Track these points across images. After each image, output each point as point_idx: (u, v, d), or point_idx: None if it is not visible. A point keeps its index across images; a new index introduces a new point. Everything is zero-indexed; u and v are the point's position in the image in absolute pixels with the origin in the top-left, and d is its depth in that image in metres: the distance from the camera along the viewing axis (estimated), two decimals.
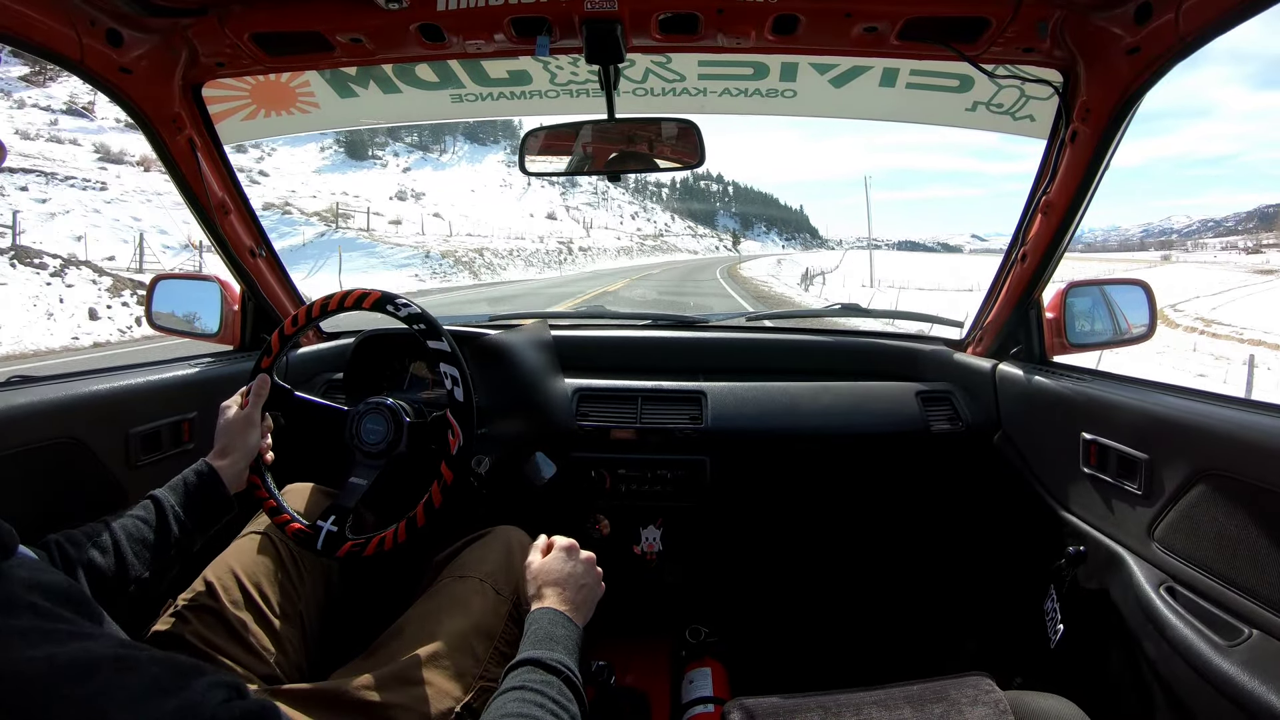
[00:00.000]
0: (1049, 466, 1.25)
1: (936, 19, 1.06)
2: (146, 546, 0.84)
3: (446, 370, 1.00)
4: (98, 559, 0.79)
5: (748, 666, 1.47)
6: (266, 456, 1.04)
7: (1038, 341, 1.36)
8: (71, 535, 0.80)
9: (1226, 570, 0.86)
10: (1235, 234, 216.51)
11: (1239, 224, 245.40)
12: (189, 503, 0.90)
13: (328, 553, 0.97)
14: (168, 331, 1.56)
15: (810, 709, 0.86)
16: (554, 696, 0.72)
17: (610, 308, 4.35)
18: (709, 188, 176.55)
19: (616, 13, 1.05)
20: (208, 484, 0.93)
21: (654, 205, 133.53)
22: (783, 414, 1.47)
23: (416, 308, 1.04)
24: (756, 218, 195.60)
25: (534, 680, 0.74)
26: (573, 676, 0.76)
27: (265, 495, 1.01)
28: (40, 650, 0.42)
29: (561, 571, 0.92)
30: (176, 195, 1.36)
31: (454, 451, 0.99)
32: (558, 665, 0.76)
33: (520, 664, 0.77)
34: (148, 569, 0.83)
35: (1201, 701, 0.82)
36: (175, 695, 0.44)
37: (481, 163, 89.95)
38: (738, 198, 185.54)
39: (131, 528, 0.84)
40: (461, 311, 5.92)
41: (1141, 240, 66.57)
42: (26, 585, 0.47)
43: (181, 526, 0.88)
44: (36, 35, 0.96)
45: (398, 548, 0.97)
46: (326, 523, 0.97)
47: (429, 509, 0.98)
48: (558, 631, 0.82)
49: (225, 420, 0.99)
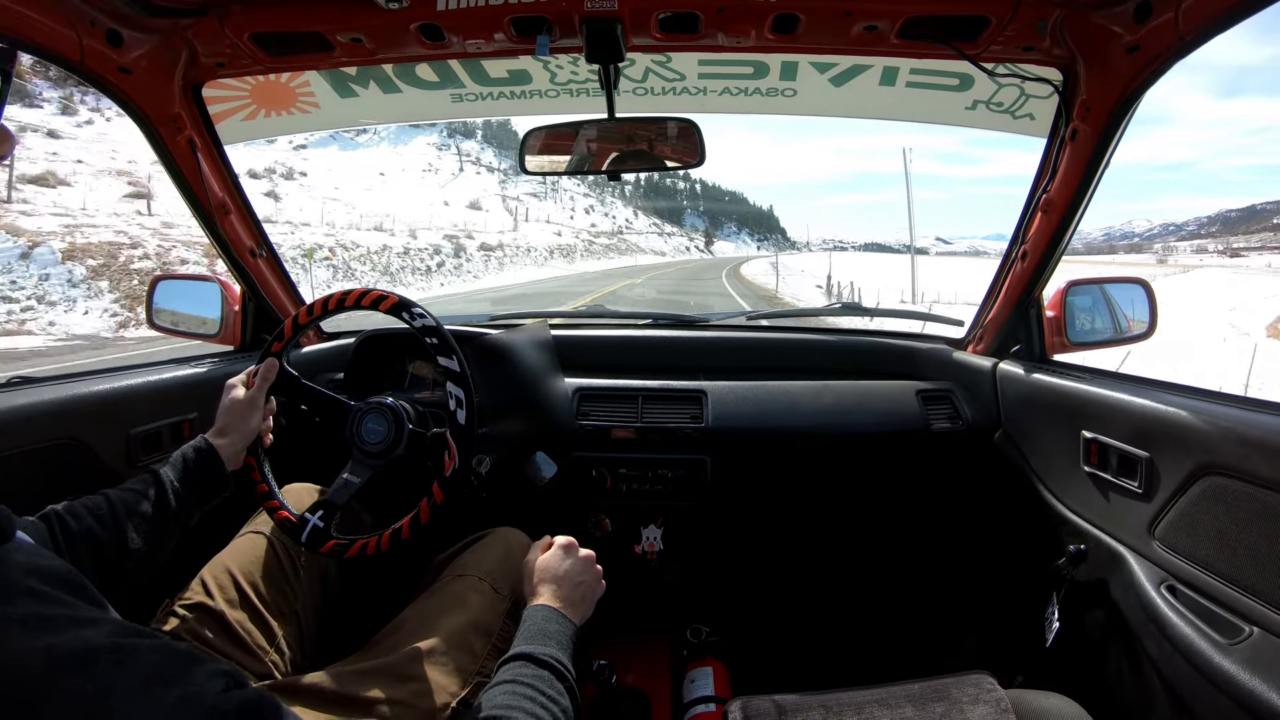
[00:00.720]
0: (1049, 465, 1.26)
1: (936, 18, 1.06)
2: (145, 520, 0.85)
3: (452, 390, 1.00)
4: (97, 531, 0.80)
5: (749, 666, 1.47)
6: (265, 439, 1.03)
7: (1038, 340, 1.36)
8: (72, 508, 0.81)
9: (1227, 568, 0.86)
10: (1198, 237, 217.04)
11: (1201, 228, 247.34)
12: (187, 478, 0.91)
13: (311, 547, 0.96)
14: (168, 332, 1.56)
15: (812, 708, 0.86)
16: (545, 690, 0.72)
17: (611, 307, 4.35)
18: (675, 184, 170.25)
19: (616, 12, 1.05)
20: (206, 460, 0.94)
21: (614, 200, 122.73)
22: (783, 413, 1.47)
23: (432, 320, 1.03)
24: (726, 216, 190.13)
25: (525, 674, 0.74)
26: (564, 671, 0.76)
27: (259, 478, 1.01)
28: (39, 640, 0.42)
29: (559, 569, 0.92)
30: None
31: (448, 473, 0.98)
32: (549, 659, 0.76)
33: (512, 658, 0.77)
34: (145, 542, 0.84)
35: (1202, 700, 0.83)
36: (175, 685, 0.45)
37: (408, 145, 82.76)
38: (705, 195, 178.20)
39: (130, 500, 0.85)
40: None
41: (1104, 243, 65.51)
42: (24, 570, 0.47)
43: (179, 501, 0.89)
44: (36, 35, 0.96)
45: (379, 555, 0.97)
46: (314, 517, 0.97)
47: (415, 525, 0.97)
48: (551, 627, 0.83)
49: (229, 399, 1.00)
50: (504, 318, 1.78)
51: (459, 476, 0.99)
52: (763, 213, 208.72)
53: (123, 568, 0.82)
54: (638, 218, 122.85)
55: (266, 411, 1.03)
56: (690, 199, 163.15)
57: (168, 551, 0.90)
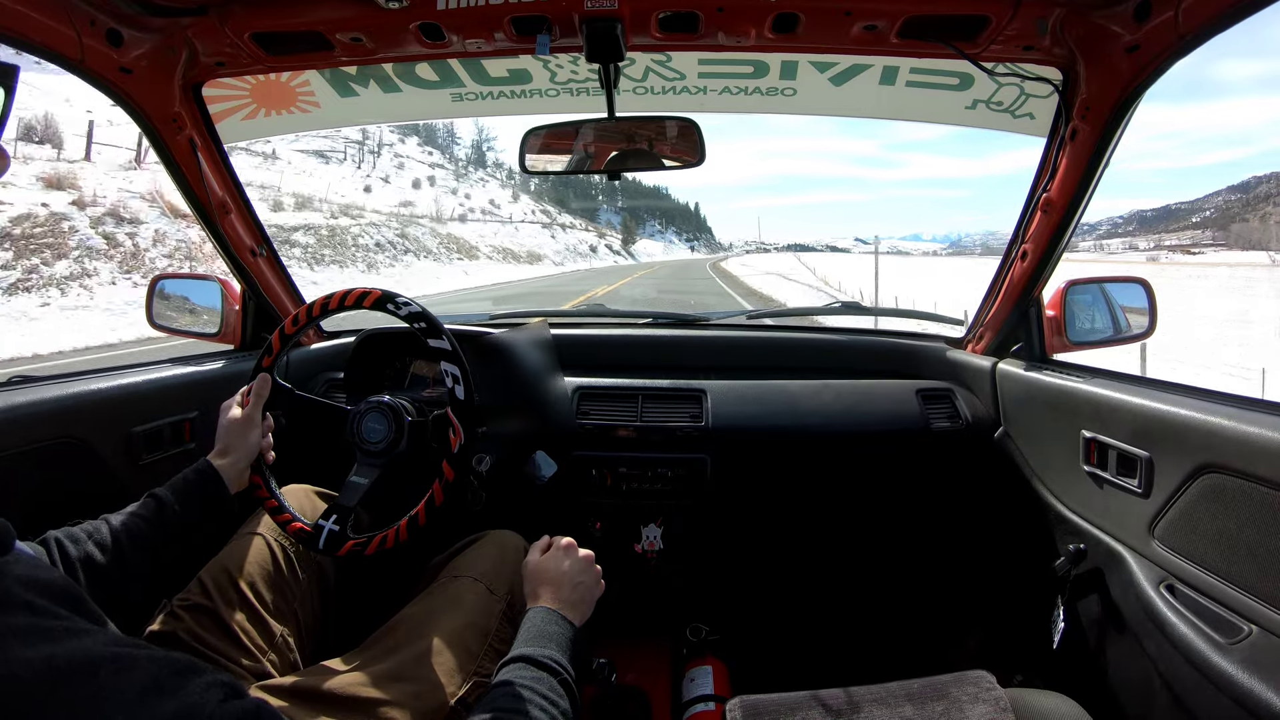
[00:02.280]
0: (1049, 464, 1.26)
1: (936, 17, 1.06)
2: (146, 544, 0.84)
3: (447, 368, 1.01)
4: (96, 556, 0.79)
5: (749, 664, 1.47)
6: (268, 456, 1.04)
7: (1038, 339, 1.36)
8: (71, 533, 0.80)
9: (1226, 568, 0.86)
10: (1115, 236, 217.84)
11: (1117, 227, 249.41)
12: (189, 501, 0.90)
13: (329, 551, 0.97)
14: (168, 331, 1.56)
15: (811, 706, 0.86)
16: (544, 692, 0.72)
17: (610, 306, 4.33)
18: (588, 177, 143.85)
19: (617, 11, 1.04)
20: (208, 483, 0.93)
21: (489, 176, 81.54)
22: (783, 412, 1.47)
23: (417, 306, 1.04)
24: (649, 213, 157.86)
25: (524, 676, 0.74)
26: (564, 672, 0.76)
27: (266, 495, 1.01)
28: (38, 651, 0.42)
29: (558, 570, 0.92)
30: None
31: (455, 450, 1.00)
32: (547, 661, 0.76)
33: (511, 660, 0.77)
34: (146, 567, 0.83)
35: (1201, 699, 0.83)
36: (174, 696, 0.45)
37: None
38: (625, 191, 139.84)
39: (131, 525, 0.84)
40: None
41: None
42: (23, 583, 0.47)
43: (182, 524, 0.88)
44: (36, 35, 0.96)
45: (399, 546, 0.97)
46: (328, 522, 0.98)
47: (430, 507, 0.98)
48: (550, 629, 0.83)
49: (226, 420, 0.99)
50: (504, 317, 1.79)
51: (467, 452, 1.00)
52: (689, 211, 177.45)
53: (123, 591, 0.81)
54: (517, 200, 78.00)
55: (265, 428, 1.03)
56: (607, 195, 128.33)
57: (168, 576, 0.89)
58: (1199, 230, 63.87)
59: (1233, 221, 57.49)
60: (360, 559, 0.98)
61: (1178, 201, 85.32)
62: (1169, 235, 50.46)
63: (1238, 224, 54.80)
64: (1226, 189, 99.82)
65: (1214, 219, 80.00)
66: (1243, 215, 56.77)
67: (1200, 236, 64.74)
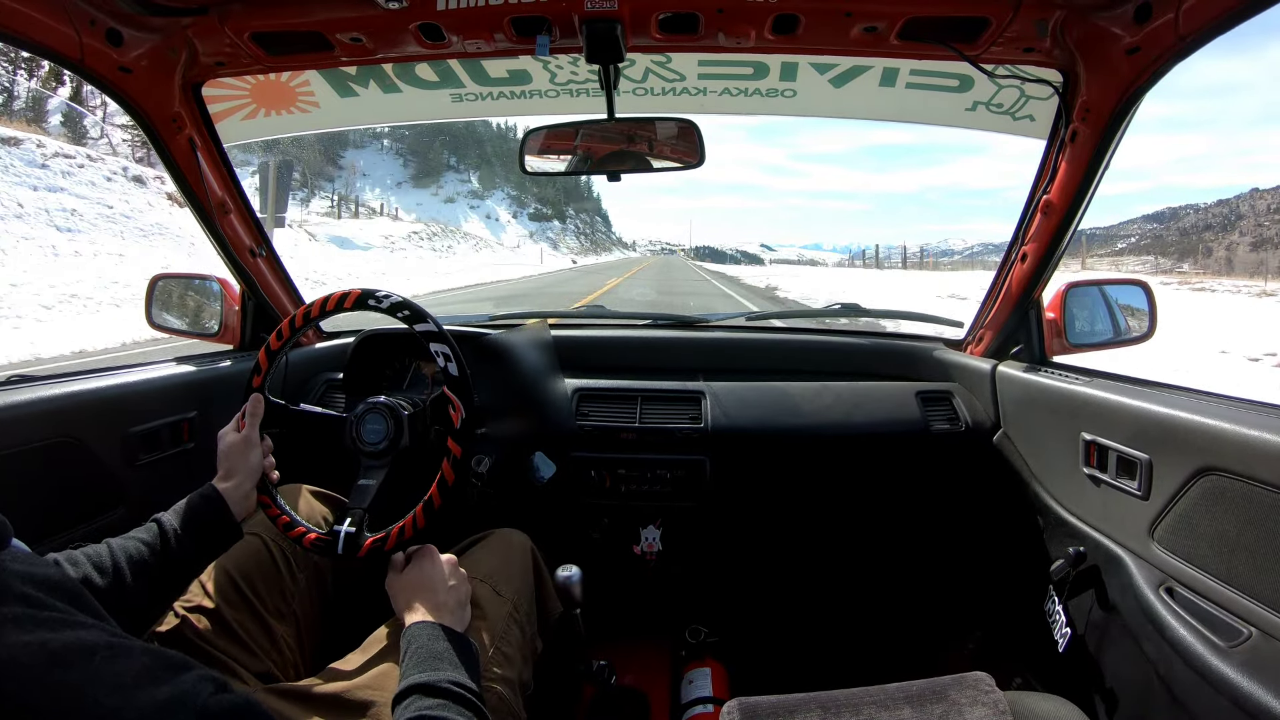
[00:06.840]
0: (1049, 467, 1.25)
1: (936, 19, 1.06)
2: (146, 571, 0.82)
3: (437, 349, 1.00)
4: (95, 579, 0.77)
5: (747, 666, 1.47)
6: (272, 475, 1.02)
7: (1038, 342, 1.36)
8: (71, 555, 0.78)
9: (1226, 570, 0.85)
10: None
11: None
12: (191, 527, 0.88)
13: (349, 555, 0.95)
14: (167, 331, 1.55)
15: (810, 708, 0.86)
16: (451, 719, 0.69)
17: (610, 307, 4.34)
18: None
19: (617, 12, 1.04)
20: (213, 508, 0.91)
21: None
22: (783, 414, 1.47)
23: (398, 296, 1.03)
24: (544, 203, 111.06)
25: (427, 707, 0.70)
26: (463, 693, 0.73)
27: (278, 513, 1.00)
28: (34, 636, 0.43)
29: (426, 579, 0.90)
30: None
31: (457, 425, 0.98)
32: (445, 685, 0.73)
33: (406, 693, 0.73)
34: (145, 594, 0.81)
35: (1201, 702, 0.82)
36: (167, 684, 0.45)
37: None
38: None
39: (133, 550, 0.82)
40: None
41: (927, 259, 62.94)
42: (20, 577, 0.47)
43: (184, 551, 0.86)
44: (36, 34, 0.96)
45: (418, 534, 0.96)
46: (343, 526, 0.96)
47: (443, 487, 0.97)
48: (438, 646, 0.79)
49: (225, 445, 0.97)
50: (504, 318, 1.79)
51: (470, 425, 0.99)
52: (592, 199, 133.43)
53: (120, 616, 0.80)
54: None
55: (265, 449, 1.01)
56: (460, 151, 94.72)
57: (169, 601, 0.88)
58: (1141, 256, 63.88)
59: (1194, 251, 57.56)
60: (380, 555, 0.97)
61: (1094, 227, 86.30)
62: (1092, 259, 50.15)
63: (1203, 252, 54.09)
64: (1142, 218, 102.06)
65: (1143, 245, 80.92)
66: (1206, 244, 56.31)
67: (1119, 260, 64.64)
